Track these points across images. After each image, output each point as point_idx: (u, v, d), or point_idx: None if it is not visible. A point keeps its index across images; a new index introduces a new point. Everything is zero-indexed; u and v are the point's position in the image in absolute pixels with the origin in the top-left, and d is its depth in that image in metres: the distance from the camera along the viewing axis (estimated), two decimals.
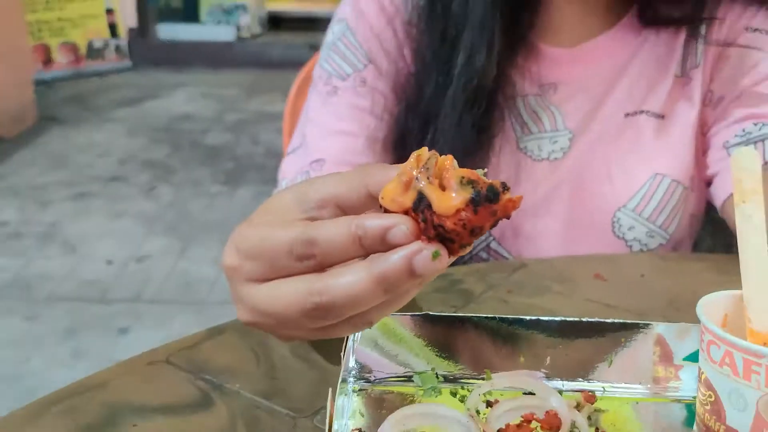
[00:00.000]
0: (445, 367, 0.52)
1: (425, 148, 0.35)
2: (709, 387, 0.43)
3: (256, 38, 6.54)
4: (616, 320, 0.51)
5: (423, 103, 0.73)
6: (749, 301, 0.44)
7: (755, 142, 0.72)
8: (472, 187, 0.33)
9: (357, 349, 0.52)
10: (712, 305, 0.45)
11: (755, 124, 0.73)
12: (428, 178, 0.34)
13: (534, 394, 0.49)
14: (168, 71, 5.72)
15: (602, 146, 0.78)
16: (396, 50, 0.76)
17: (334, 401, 0.43)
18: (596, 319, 0.52)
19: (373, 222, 0.34)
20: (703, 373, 0.43)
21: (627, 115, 0.78)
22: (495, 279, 0.68)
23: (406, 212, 0.34)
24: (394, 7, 0.76)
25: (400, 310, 0.40)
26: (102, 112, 4.57)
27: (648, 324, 0.51)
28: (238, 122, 4.35)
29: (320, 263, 0.36)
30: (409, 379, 0.52)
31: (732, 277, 0.70)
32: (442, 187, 0.33)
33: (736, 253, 0.52)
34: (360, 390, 0.52)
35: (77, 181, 3.45)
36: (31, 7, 5.01)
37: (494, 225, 0.34)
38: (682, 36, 0.77)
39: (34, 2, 5.10)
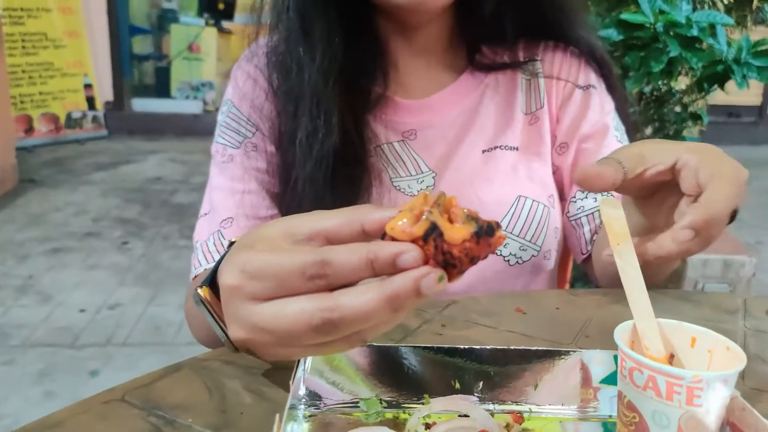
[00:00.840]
0: (388, 393, 0.51)
1: (429, 191, 0.37)
2: (633, 409, 0.42)
3: None
4: (540, 348, 0.51)
5: (297, 161, 0.72)
6: (642, 331, 0.44)
7: (587, 217, 0.79)
8: (476, 222, 0.35)
9: (307, 378, 0.50)
10: (623, 334, 0.44)
11: (582, 191, 0.79)
12: (439, 213, 0.35)
13: (468, 416, 0.48)
14: (141, 139, 5.63)
15: (466, 181, 0.79)
16: (275, 116, 0.76)
17: (281, 427, 0.40)
18: (523, 347, 0.51)
19: (385, 248, 0.34)
20: (625, 396, 0.42)
21: (484, 151, 0.79)
22: (429, 314, 0.66)
23: (413, 242, 0.35)
24: (264, 81, 0.76)
25: None
26: (79, 175, 4.43)
27: (569, 351, 0.50)
28: (203, 183, 4.20)
29: (330, 283, 0.35)
30: (355, 405, 0.50)
31: (627, 308, 0.71)
32: (450, 221, 0.35)
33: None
34: (310, 416, 0.49)
35: (53, 237, 3.31)
36: (15, 81, 4.88)
37: (485, 257, 0.36)
38: (520, 78, 0.81)
39: (18, 78, 4.98)
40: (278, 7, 0.73)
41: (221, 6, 6.59)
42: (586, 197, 0.79)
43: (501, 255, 0.77)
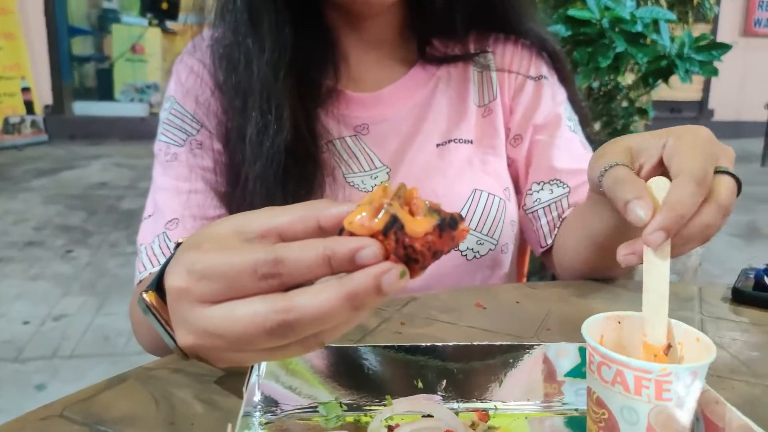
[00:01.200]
0: (348, 396, 0.49)
1: (388, 183, 0.35)
2: (602, 405, 0.40)
3: None
4: (503, 343, 0.49)
5: (246, 159, 0.69)
6: (647, 318, 0.43)
7: (544, 209, 0.78)
8: (438, 215, 0.33)
9: (262, 383, 0.47)
10: (592, 328, 0.43)
11: (538, 183, 0.79)
12: (400, 205, 0.33)
13: (432, 416, 0.46)
14: (83, 144, 5.44)
15: (421, 175, 0.77)
16: (221, 112, 0.73)
17: None
18: (486, 342, 0.49)
19: (343, 243, 0.32)
20: (594, 392, 0.41)
21: (438, 145, 0.78)
22: (388, 312, 0.65)
23: (373, 236, 0.33)
24: (208, 76, 0.74)
25: None
26: (18, 183, 4.25)
27: (532, 345, 0.49)
28: None
29: (284, 283, 0.33)
30: (314, 409, 0.48)
31: (590, 300, 0.72)
32: (411, 214, 0.33)
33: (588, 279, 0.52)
34: (266, 423, 0.47)
35: None
36: None
37: (449, 251, 0.34)
38: (471, 71, 0.81)
39: None
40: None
41: (165, 6, 6.43)
42: (542, 189, 0.79)
43: (458, 250, 0.76)
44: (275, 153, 0.67)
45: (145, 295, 0.43)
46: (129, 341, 2.33)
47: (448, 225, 0.33)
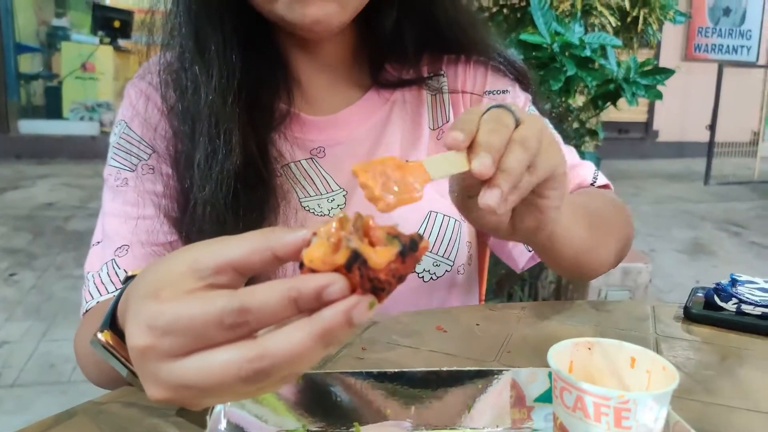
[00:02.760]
0: (316, 423, 0.48)
1: (345, 213, 0.34)
2: (565, 431, 0.40)
3: None
4: (472, 368, 0.49)
5: (195, 184, 0.67)
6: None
7: None
8: (399, 241, 0.33)
9: (228, 411, 0.46)
10: (560, 354, 0.43)
11: None
12: (359, 238, 0.33)
13: None
14: (30, 163, 5.26)
15: None
16: (172, 136, 0.71)
17: None
18: (455, 368, 0.49)
19: (307, 282, 0.31)
20: (558, 418, 0.41)
21: None
22: (349, 338, 0.63)
23: (335, 270, 0.32)
24: (160, 100, 0.72)
25: None
26: None
27: (501, 370, 0.49)
28: None
29: (252, 329, 0.32)
30: None
31: (549, 322, 0.72)
32: (371, 244, 0.33)
33: (549, 299, 0.51)
34: None
35: None
36: None
37: (413, 270, 0.34)
38: (425, 94, 0.81)
39: None
40: (171, 23, 0.69)
41: (117, 24, 6.32)
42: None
43: (414, 272, 0.75)
44: (224, 178, 0.66)
45: (99, 336, 0.41)
46: (77, 369, 2.23)
47: (410, 249, 0.33)
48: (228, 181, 0.66)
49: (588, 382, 0.39)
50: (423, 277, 0.75)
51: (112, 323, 0.41)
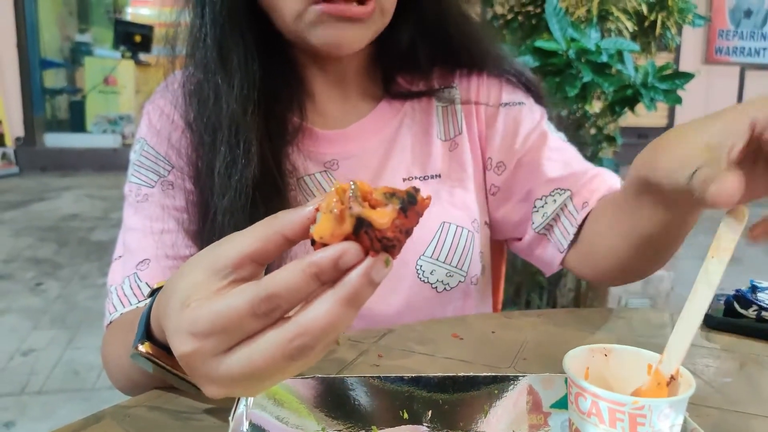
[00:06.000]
0: (335, 426, 0.49)
1: (338, 183, 0.35)
2: None
3: None
4: (488, 374, 0.49)
5: (212, 197, 0.69)
6: (669, 345, 0.42)
7: (554, 219, 0.76)
8: (397, 198, 0.34)
9: (250, 413, 0.47)
10: (575, 360, 0.43)
11: (540, 199, 0.77)
12: (360, 204, 0.34)
13: None
14: (55, 176, 5.36)
15: None
16: (192, 151, 0.73)
17: None
18: (472, 374, 0.49)
19: (324, 256, 0.33)
20: (573, 424, 0.41)
21: (404, 179, 0.79)
22: (365, 345, 0.64)
23: (346, 239, 0.34)
24: (178, 116, 0.74)
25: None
26: None
27: (517, 376, 0.49)
28: None
29: (284, 310, 0.34)
30: None
31: (565, 329, 0.72)
32: (372, 207, 0.34)
33: (568, 306, 0.51)
34: None
35: None
36: None
37: (418, 222, 0.35)
38: (435, 105, 0.81)
39: None
40: (194, 36, 0.71)
41: (138, 38, 6.42)
42: (545, 203, 0.77)
43: (429, 282, 0.75)
44: (243, 186, 0.67)
45: (141, 348, 0.44)
46: (100, 376, 2.27)
47: (410, 203, 0.34)
48: (247, 189, 0.67)
49: (604, 389, 0.39)
50: (436, 287, 0.76)
51: (148, 335, 0.43)
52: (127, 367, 0.56)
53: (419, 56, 0.78)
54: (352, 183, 0.35)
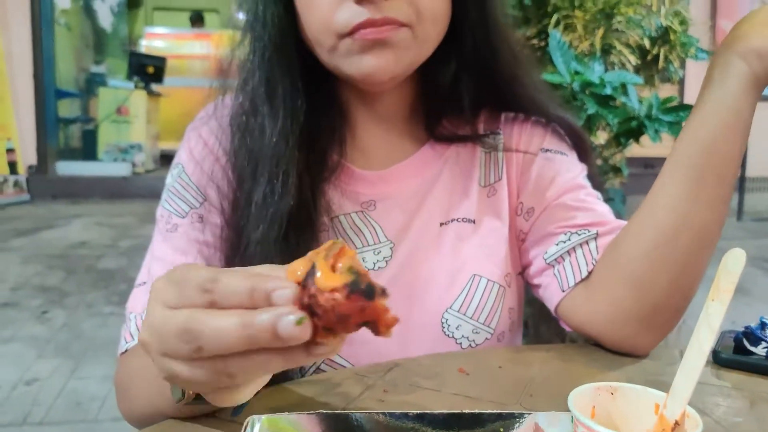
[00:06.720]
0: None
1: (341, 240, 0.35)
2: None
3: (149, 173, 6.38)
4: (494, 411, 0.48)
5: (247, 228, 0.69)
6: (673, 389, 0.41)
7: (569, 251, 0.73)
8: (355, 276, 0.32)
9: None
10: (581, 397, 0.42)
11: (565, 234, 0.74)
12: (325, 258, 0.33)
13: None
14: (65, 203, 5.39)
15: (422, 253, 0.75)
16: (226, 185, 0.73)
17: None
18: (477, 411, 0.48)
19: (266, 283, 0.35)
20: None
21: (441, 224, 0.77)
22: (371, 379, 0.63)
23: (299, 284, 0.33)
24: (219, 146, 0.74)
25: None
26: None
27: (523, 413, 0.48)
28: (132, 247, 4.09)
29: (215, 300, 0.37)
30: None
31: (574, 365, 0.70)
32: (334, 269, 0.33)
33: (570, 341, 0.50)
34: None
35: None
36: None
37: (360, 326, 0.33)
38: (479, 151, 0.79)
39: None
40: (246, 69, 0.72)
41: (151, 69, 6.53)
42: (569, 240, 0.73)
43: (453, 338, 0.73)
44: (277, 218, 0.67)
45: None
46: (102, 407, 2.25)
47: (361, 291, 0.32)
48: (281, 221, 0.67)
49: (611, 428, 0.38)
50: (461, 343, 0.73)
51: None
52: (153, 393, 0.55)
53: (463, 99, 0.77)
54: (342, 242, 0.35)
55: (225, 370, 0.37)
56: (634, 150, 2.03)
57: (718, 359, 0.68)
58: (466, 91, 0.76)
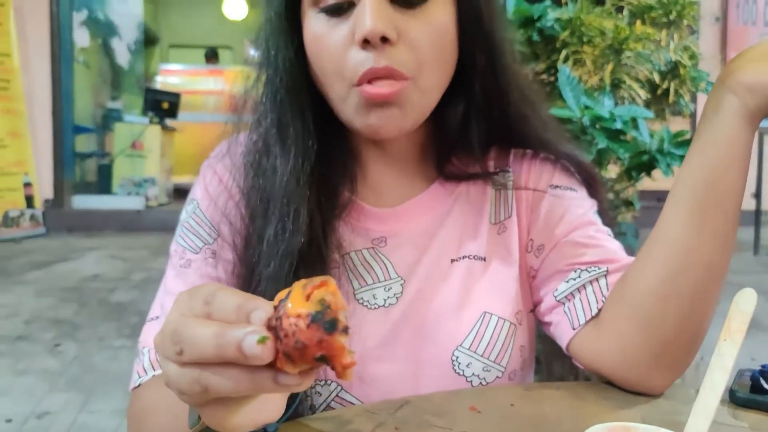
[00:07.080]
0: None
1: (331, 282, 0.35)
2: None
3: (162, 206, 6.44)
4: None
5: (258, 264, 0.69)
6: (688, 430, 0.41)
7: (579, 288, 0.72)
8: (321, 308, 0.33)
9: None
10: None
11: (575, 271, 0.73)
12: (304, 286, 0.34)
13: None
14: (80, 236, 5.44)
15: (432, 290, 0.75)
16: (239, 221, 0.74)
17: None
18: None
19: (251, 303, 0.37)
20: None
21: (452, 261, 0.76)
22: (382, 416, 0.62)
23: (275, 307, 0.35)
24: (233, 183, 0.75)
25: None
26: (13, 276, 4.21)
27: None
28: (144, 280, 4.11)
29: (210, 313, 0.39)
30: None
31: (587, 403, 0.69)
32: (308, 298, 0.34)
33: (584, 378, 0.49)
34: None
35: None
36: None
37: (318, 360, 0.33)
38: (489, 188, 0.79)
39: None
40: (259, 109, 0.73)
41: (165, 105, 6.64)
42: (579, 276, 0.73)
43: (464, 375, 0.72)
44: (288, 255, 0.68)
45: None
46: None
47: (322, 322, 0.32)
48: (291, 258, 0.67)
49: None
50: (471, 381, 0.72)
51: None
52: (170, 420, 0.55)
53: (473, 138, 0.77)
54: (327, 277, 0.35)
55: (200, 379, 0.39)
56: (646, 183, 2.03)
57: (734, 399, 0.66)
58: (475, 131, 0.77)
